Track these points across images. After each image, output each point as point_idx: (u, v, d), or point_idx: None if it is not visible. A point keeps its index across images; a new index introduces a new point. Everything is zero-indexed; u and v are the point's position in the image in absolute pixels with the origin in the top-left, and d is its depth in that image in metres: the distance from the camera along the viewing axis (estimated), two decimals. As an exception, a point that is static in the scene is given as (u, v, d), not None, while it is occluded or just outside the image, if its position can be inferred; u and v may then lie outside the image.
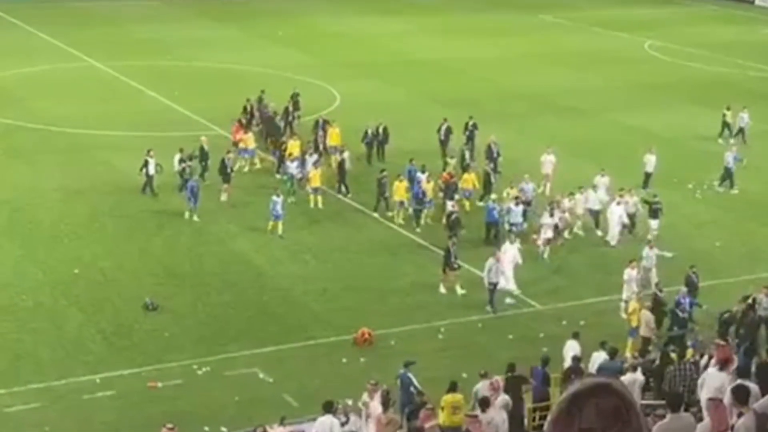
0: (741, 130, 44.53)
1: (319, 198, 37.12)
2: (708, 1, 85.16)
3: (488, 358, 26.03)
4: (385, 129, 41.81)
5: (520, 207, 34.58)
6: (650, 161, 39.42)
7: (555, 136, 43.84)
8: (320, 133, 42.36)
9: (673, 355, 24.41)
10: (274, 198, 34.54)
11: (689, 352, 24.71)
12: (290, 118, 44.23)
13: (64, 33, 64.32)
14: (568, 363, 24.28)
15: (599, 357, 24.46)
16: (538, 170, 38.59)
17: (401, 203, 35.95)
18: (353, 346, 27.15)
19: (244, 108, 43.97)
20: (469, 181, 37.36)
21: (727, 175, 39.72)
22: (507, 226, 34.07)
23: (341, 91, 52.07)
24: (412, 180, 36.61)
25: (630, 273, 29.42)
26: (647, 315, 27.55)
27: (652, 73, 59.16)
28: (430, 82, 55.04)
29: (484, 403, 20.52)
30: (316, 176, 37.37)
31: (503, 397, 21.52)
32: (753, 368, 17.97)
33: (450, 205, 35.11)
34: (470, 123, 42.74)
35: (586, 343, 25.06)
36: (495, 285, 29.64)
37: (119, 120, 46.40)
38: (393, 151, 41.33)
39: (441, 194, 36.44)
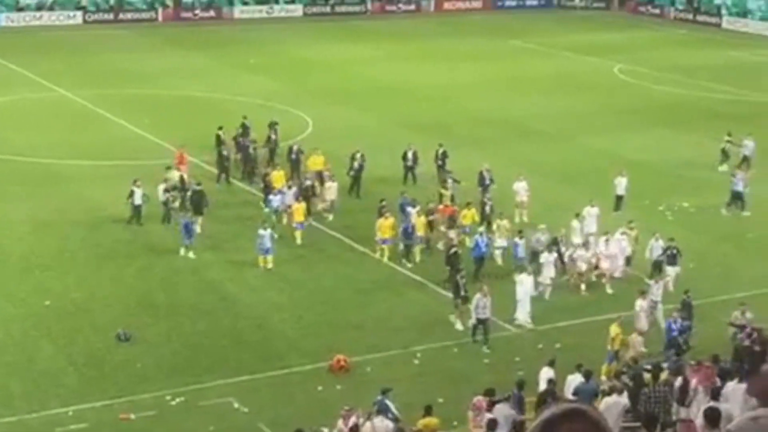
0: (746, 158, 44.11)
1: (301, 233, 36.22)
2: (676, 26, 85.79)
3: (465, 382, 25.93)
4: (362, 156, 41.60)
5: (524, 240, 33.62)
6: (621, 184, 39.52)
7: (527, 161, 43.93)
8: (293, 157, 42.26)
9: (648, 377, 24.38)
10: (261, 232, 33.87)
11: (664, 374, 24.68)
12: (273, 147, 43.93)
13: (32, 63, 64.05)
14: (542, 387, 24.20)
15: (575, 380, 24.40)
16: (511, 197, 38.44)
17: (384, 241, 34.76)
18: (329, 374, 26.96)
19: (217, 137, 43.66)
20: (469, 216, 36.28)
21: (738, 198, 39.77)
22: (514, 261, 33.34)
23: (314, 118, 52.02)
24: (403, 213, 35.75)
25: (641, 304, 29.16)
26: (635, 338, 27.61)
27: (622, 96, 59.45)
28: (401, 108, 55.09)
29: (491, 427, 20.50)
30: (299, 210, 36.60)
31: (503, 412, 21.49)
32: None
33: (450, 239, 34.29)
34: (440, 151, 42.70)
35: (561, 366, 24.98)
36: (483, 321, 29.01)
37: (89, 149, 46.15)
38: (368, 178, 41.19)
39: (442, 228, 35.67)
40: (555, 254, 32.72)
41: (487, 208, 36.93)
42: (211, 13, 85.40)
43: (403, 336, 29.37)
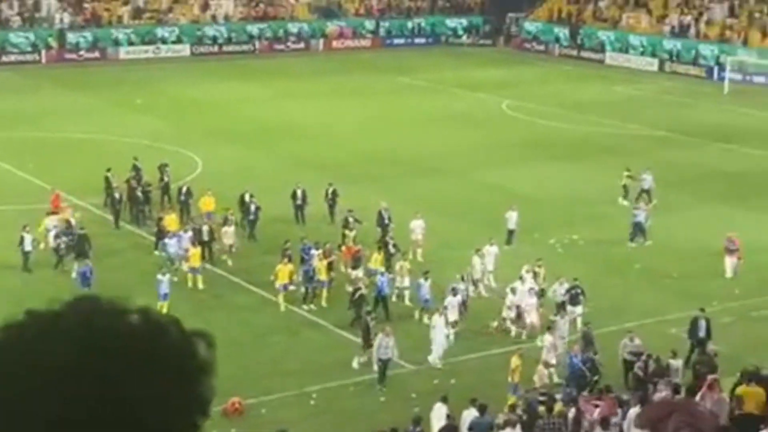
0: (646, 191, 44.76)
1: (199, 278, 35.64)
2: (561, 62, 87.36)
3: (361, 421, 25.83)
4: (251, 196, 41.28)
5: (429, 281, 33.07)
6: (512, 218, 39.94)
7: (420, 198, 44.07)
8: (182, 199, 41.80)
9: (542, 409, 24.54)
10: (159, 277, 33.24)
11: (558, 405, 24.88)
12: (166, 189, 43.24)
13: None
14: (435, 426, 24.15)
15: (469, 415, 24.47)
16: (407, 236, 38.44)
17: (285, 287, 33.94)
18: (223, 418, 26.53)
19: (106, 179, 42.86)
20: (379, 261, 35.42)
21: (639, 231, 40.41)
22: (420, 303, 33.06)
23: (203, 158, 51.58)
24: (304, 260, 34.93)
25: (549, 339, 29.30)
26: (542, 370, 27.83)
27: (510, 132, 60.20)
28: (292, 146, 54.91)
29: None
30: (195, 254, 35.89)
31: None
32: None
33: (355, 280, 33.76)
34: (330, 189, 42.63)
35: (455, 402, 25.02)
36: (385, 362, 28.81)
37: (-28, 194, 45.06)
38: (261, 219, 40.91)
39: (348, 269, 35.31)
40: (459, 297, 32.34)
41: (390, 248, 36.68)
42: (96, 53, 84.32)
43: (298, 377, 29.12)
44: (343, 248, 36.84)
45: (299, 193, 42.27)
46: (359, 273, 34.70)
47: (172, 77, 75.15)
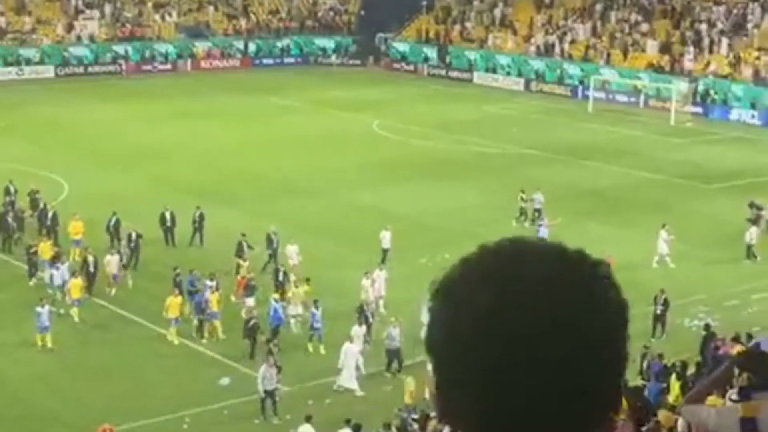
0: (538, 211, 45.29)
1: (77, 310, 34.43)
2: (431, 81, 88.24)
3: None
4: (117, 220, 40.56)
5: (320, 310, 32.65)
6: (386, 238, 40.14)
7: (293, 220, 43.88)
8: (48, 224, 40.89)
9: (415, 427, 24.66)
10: (38, 309, 31.97)
11: (432, 423, 24.98)
12: (40, 216, 42.00)
13: None
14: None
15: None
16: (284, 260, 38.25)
17: (176, 320, 32.94)
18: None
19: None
20: (307, 293, 34.41)
21: None
22: (311, 331, 32.73)
23: (69, 182, 50.56)
24: (190, 292, 34.18)
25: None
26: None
27: (382, 151, 60.47)
28: (160, 169, 54.19)
29: None
30: (75, 285, 34.62)
31: None
32: None
33: (248, 309, 32.98)
34: (197, 213, 42.13)
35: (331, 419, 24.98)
36: (270, 393, 28.25)
37: None
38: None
39: (237, 298, 34.59)
40: (365, 326, 32.02)
41: (280, 275, 36.16)
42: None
43: (172, 401, 28.77)
44: (238, 278, 36.01)
45: (168, 215, 41.73)
46: (251, 302, 33.87)
47: (36, 99, 73.54)
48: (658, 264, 40.52)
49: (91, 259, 36.75)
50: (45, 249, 37.71)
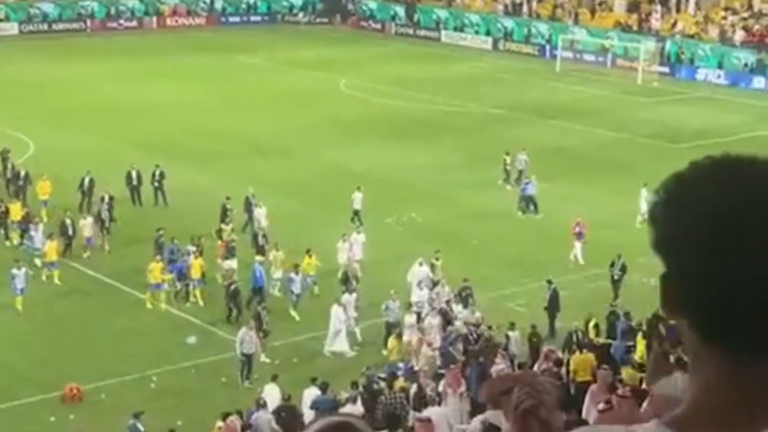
0: (521, 172, 45.29)
1: (55, 272, 34.06)
2: (398, 40, 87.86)
3: (203, 403, 25.72)
4: (91, 180, 40.26)
5: (300, 275, 32.32)
6: (357, 198, 40.10)
7: (260, 180, 43.65)
8: (19, 183, 40.59)
9: (383, 385, 24.81)
10: (14, 271, 31.60)
11: (399, 381, 25.15)
12: (10, 177, 41.70)
13: None
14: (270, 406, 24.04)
15: (311, 393, 24.61)
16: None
17: (157, 285, 32.52)
18: (62, 404, 26.09)
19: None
20: (312, 265, 33.60)
21: (531, 203, 41.92)
22: (289, 296, 32.46)
23: (34, 140, 50.16)
24: (171, 260, 33.57)
25: (432, 321, 29.69)
26: (426, 350, 28.04)
27: (349, 110, 60.31)
28: (126, 127, 53.85)
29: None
30: (52, 248, 34.09)
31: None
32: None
33: (229, 272, 32.65)
34: (157, 171, 41.83)
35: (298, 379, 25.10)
36: (248, 357, 28.09)
37: None
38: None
39: (221, 260, 33.96)
40: (355, 294, 31.56)
41: (260, 239, 35.90)
42: None
43: (138, 361, 28.76)
44: (218, 243, 35.37)
45: (134, 174, 41.50)
46: (233, 264, 33.55)
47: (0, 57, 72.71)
48: (641, 225, 40.64)
49: (68, 221, 36.24)
50: (15, 210, 37.32)
